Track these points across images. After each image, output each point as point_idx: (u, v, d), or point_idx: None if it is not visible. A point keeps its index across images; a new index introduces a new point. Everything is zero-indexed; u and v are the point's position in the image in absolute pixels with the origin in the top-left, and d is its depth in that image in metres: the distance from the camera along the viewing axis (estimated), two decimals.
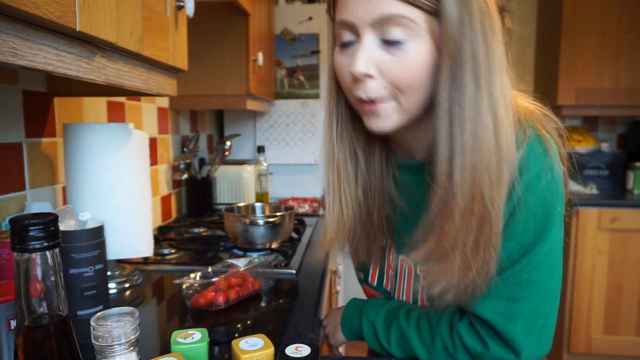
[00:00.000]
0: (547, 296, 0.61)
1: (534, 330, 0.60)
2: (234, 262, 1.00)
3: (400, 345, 0.71)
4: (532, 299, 0.60)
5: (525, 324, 0.60)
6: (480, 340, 0.63)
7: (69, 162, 0.98)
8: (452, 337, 0.65)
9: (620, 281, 2.39)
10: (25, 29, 0.47)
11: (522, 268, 0.59)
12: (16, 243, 0.38)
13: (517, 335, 0.60)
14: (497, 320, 0.60)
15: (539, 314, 0.60)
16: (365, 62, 0.56)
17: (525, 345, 0.60)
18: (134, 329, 0.49)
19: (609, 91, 2.53)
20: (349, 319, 0.80)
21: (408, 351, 0.70)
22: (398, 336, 0.71)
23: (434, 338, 0.66)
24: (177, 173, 1.81)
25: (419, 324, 0.69)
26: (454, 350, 0.65)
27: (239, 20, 1.68)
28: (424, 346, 0.67)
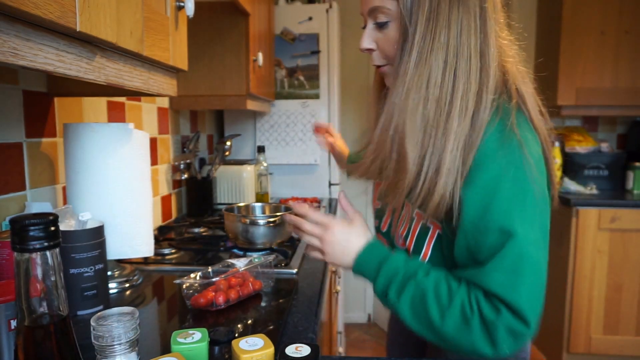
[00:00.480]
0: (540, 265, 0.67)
1: (535, 301, 0.66)
2: (234, 262, 1.00)
3: (412, 304, 0.71)
4: (530, 270, 0.65)
5: (528, 294, 0.65)
6: (494, 308, 0.66)
7: (69, 162, 0.98)
8: (470, 300, 0.68)
9: (620, 281, 2.39)
10: (26, 29, 0.47)
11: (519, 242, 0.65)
12: (16, 243, 0.38)
13: (523, 304, 0.64)
14: (503, 290, 0.65)
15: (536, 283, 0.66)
16: (367, 40, 0.80)
17: (530, 313, 0.65)
18: (134, 328, 0.50)
19: (608, 91, 2.53)
20: (366, 260, 0.79)
21: (419, 310, 0.71)
22: (413, 294, 0.71)
23: (452, 300, 0.69)
24: (177, 173, 1.81)
25: (438, 286, 0.71)
26: (471, 314, 0.67)
27: (239, 20, 1.68)
28: (439, 308, 0.69)
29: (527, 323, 0.65)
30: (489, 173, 0.67)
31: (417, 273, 0.73)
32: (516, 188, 0.66)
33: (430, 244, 0.76)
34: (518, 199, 0.66)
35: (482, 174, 0.68)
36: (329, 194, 2.43)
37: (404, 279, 0.73)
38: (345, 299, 3.08)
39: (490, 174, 0.67)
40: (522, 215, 0.66)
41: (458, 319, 0.68)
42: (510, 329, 0.65)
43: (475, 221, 0.68)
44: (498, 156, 0.67)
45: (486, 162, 0.68)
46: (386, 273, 0.75)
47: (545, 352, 2.65)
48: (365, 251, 0.80)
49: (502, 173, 0.67)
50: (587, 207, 2.35)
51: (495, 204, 0.66)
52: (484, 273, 0.67)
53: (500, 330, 0.65)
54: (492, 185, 0.67)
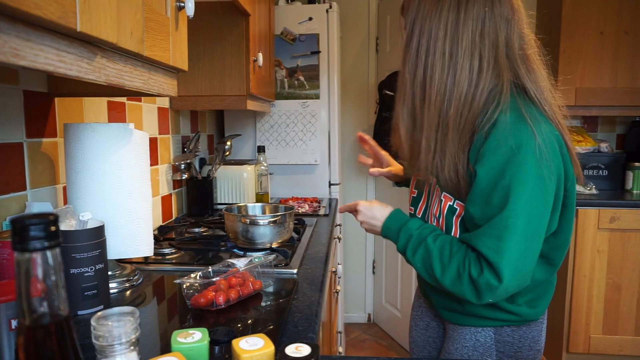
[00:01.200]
0: (525, 238, 0.80)
1: (513, 263, 0.80)
2: (234, 262, 1.00)
3: (422, 261, 0.89)
4: (513, 239, 0.79)
5: (508, 258, 0.79)
6: (479, 268, 0.82)
7: (69, 162, 0.98)
8: (464, 263, 0.84)
9: (619, 281, 2.39)
10: (27, 30, 0.47)
11: (508, 214, 0.79)
12: (17, 243, 0.38)
13: (502, 266, 0.79)
14: (488, 253, 0.80)
15: (516, 251, 0.80)
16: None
17: (507, 273, 0.79)
18: (135, 328, 0.50)
19: (608, 91, 2.53)
20: (389, 228, 0.97)
21: (427, 266, 0.88)
22: (423, 253, 0.89)
23: (451, 260, 0.86)
24: (178, 173, 1.81)
25: (442, 248, 0.88)
26: (462, 272, 0.84)
27: (239, 21, 1.68)
28: (441, 265, 0.87)
29: (501, 279, 0.80)
30: (500, 157, 0.80)
31: (427, 237, 0.90)
32: (520, 170, 0.78)
33: (457, 222, 0.90)
34: (520, 180, 0.78)
35: (494, 156, 0.80)
36: (329, 194, 2.43)
37: (417, 242, 0.91)
38: (345, 299, 3.08)
39: (502, 158, 0.79)
40: (519, 194, 0.78)
41: (454, 275, 0.85)
42: (488, 284, 0.81)
43: (484, 195, 0.82)
44: (510, 140, 0.79)
45: (499, 147, 0.80)
46: (404, 236, 0.93)
47: (545, 351, 2.65)
48: (388, 219, 0.98)
49: (510, 157, 0.79)
50: (587, 207, 2.35)
51: (501, 183, 0.80)
52: (476, 236, 0.83)
53: (481, 285, 0.82)
54: (502, 166, 0.79)
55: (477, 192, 0.83)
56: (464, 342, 0.95)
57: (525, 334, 0.93)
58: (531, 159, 0.78)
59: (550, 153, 0.80)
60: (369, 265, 3.13)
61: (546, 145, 0.79)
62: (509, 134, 0.80)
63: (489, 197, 0.81)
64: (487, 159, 0.81)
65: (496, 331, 0.93)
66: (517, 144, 0.79)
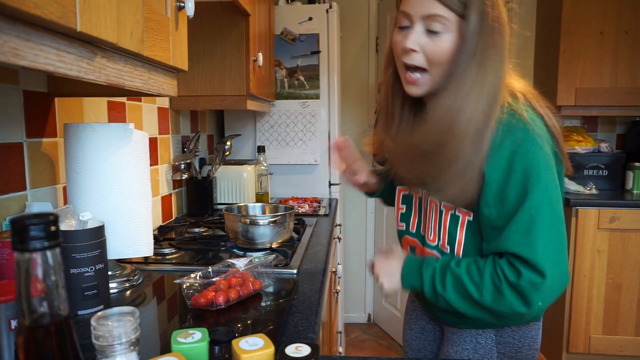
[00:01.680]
0: (553, 226, 0.78)
1: (550, 255, 0.77)
2: (234, 262, 1.00)
3: (455, 289, 0.84)
4: (543, 229, 0.77)
5: (543, 249, 0.76)
6: (515, 271, 0.78)
7: (69, 162, 0.98)
8: (496, 272, 0.80)
9: (620, 281, 2.39)
10: (26, 30, 0.47)
11: (530, 205, 0.77)
12: (17, 243, 0.38)
13: (539, 259, 0.76)
14: (520, 249, 0.77)
15: (552, 241, 0.77)
16: (413, 42, 0.83)
17: (548, 267, 0.76)
18: (135, 328, 0.50)
19: (608, 91, 2.53)
20: (409, 274, 0.91)
21: (462, 292, 0.83)
22: (452, 281, 0.84)
23: (483, 277, 0.81)
24: (178, 173, 1.81)
25: (469, 268, 0.83)
26: (499, 283, 0.79)
27: (239, 21, 1.68)
28: (474, 285, 0.82)
29: (543, 274, 0.76)
30: (505, 151, 0.78)
31: (449, 264, 0.85)
32: (529, 159, 0.78)
33: (462, 230, 0.87)
34: (532, 169, 0.77)
35: (498, 152, 0.79)
36: (329, 194, 2.43)
37: (442, 272, 0.85)
38: (345, 299, 3.08)
39: (506, 152, 0.78)
40: (535, 183, 0.77)
41: (492, 289, 0.80)
42: (533, 284, 0.76)
43: (497, 193, 0.79)
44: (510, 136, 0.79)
45: (502, 143, 0.79)
46: (427, 272, 0.87)
47: (545, 351, 2.65)
48: (405, 268, 0.92)
49: (515, 149, 0.78)
50: (587, 207, 2.35)
51: (513, 177, 0.78)
52: (503, 239, 0.79)
53: (525, 288, 0.77)
54: (508, 161, 0.78)
55: (489, 192, 0.80)
56: (464, 345, 0.94)
57: (525, 334, 0.92)
58: (536, 146, 0.78)
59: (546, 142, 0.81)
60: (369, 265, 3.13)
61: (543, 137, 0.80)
62: (507, 129, 0.79)
63: (503, 194, 0.79)
64: (492, 157, 0.80)
65: (497, 332, 0.92)
66: (518, 136, 0.78)
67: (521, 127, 0.79)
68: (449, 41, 0.81)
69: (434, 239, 0.92)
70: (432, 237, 0.93)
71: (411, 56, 0.84)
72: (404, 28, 0.85)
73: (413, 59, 0.84)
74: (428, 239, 0.94)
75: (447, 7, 0.79)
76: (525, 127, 0.79)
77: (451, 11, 0.79)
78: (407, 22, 0.84)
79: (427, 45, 0.82)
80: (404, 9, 0.84)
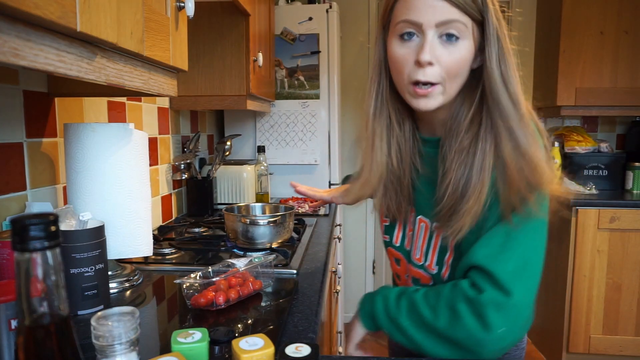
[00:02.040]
0: (533, 250, 0.71)
1: (523, 275, 0.69)
2: (234, 262, 1.00)
3: (409, 313, 0.76)
4: (519, 249, 0.69)
5: (515, 268, 0.68)
6: (476, 287, 0.70)
7: (69, 162, 0.98)
8: (454, 292, 0.73)
9: (619, 281, 2.39)
10: (26, 30, 0.47)
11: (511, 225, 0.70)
12: (17, 243, 0.38)
13: (507, 276, 0.68)
14: (488, 262, 0.69)
15: (527, 263, 0.69)
16: (430, 53, 0.72)
17: (516, 287, 0.68)
18: (135, 328, 0.50)
19: (608, 91, 2.53)
20: (364, 302, 0.86)
21: (416, 317, 0.75)
22: (407, 305, 0.77)
23: (439, 299, 0.74)
24: (178, 173, 1.81)
25: (427, 293, 0.77)
26: (455, 303, 0.71)
27: (239, 21, 1.68)
28: (429, 308, 0.74)
29: (509, 292, 0.67)
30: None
31: (408, 289, 0.79)
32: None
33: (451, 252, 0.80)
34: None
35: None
36: None
37: (397, 296, 0.79)
38: (345, 299, 3.08)
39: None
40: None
41: (447, 311, 0.72)
42: (495, 303, 0.68)
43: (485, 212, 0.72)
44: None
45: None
46: (380, 298, 0.81)
47: (545, 352, 2.65)
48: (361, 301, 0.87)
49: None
50: (587, 207, 2.35)
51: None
52: (471, 252, 0.72)
53: (486, 306, 0.68)
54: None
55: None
56: None
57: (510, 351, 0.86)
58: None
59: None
60: (369, 265, 3.13)
61: None
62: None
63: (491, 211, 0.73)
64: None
65: None
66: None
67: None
68: (467, 49, 0.73)
69: (420, 257, 0.86)
70: (418, 256, 0.86)
71: (425, 71, 0.73)
72: (408, 39, 0.74)
73: (428, 74, 0.73)
74: (414, 257, 0.87)
75: (464, 12, 0.70)
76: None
77: (468, 16, 0.71)
78: (414, 30, 0.73)
79: (442, 56, 0.72)
80: (409, 18, 0.72)
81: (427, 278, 0.85)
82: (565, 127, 2.86)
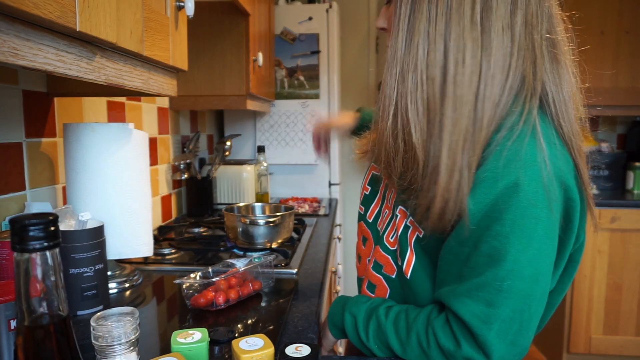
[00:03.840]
0: (527, 304, 0.60)
1: (508, 336, 0.60)
2: (234, 262, 1.00)
3: (378, 340, 0.71)
4: (510, 305, 0.59)
5: (500, 329, 0.60)
6: (453, 339, 0.63)
7: (69, 162, 0.98)
8: (427, 334, 0.65)
9: (620, 281, 2.39)
10: (26, 29, 0.47)
11: (505, 275, 0.59)
12: (16, 243, 0.38)
13: (490, 339, 0.60)
14: (473, 322, 0.60)
15: (514, 321, 0.60)
16: (381, 19, 0.78)
17: (497, 349, 0.60)
18: (134, 328, 0.50)
19: (608, 91, 2.53)
20: (334, 313, 0.80)
21: (385, 346, 0.70)
22: (376, 330, 0.71)
23: (409, 334, 0.67)
24: (177, 173, 1.81)
25: (397, 319, 0.69)
26: (427, 347, 0.65)
27: (239, 20, 1.68)
28: (399, 342, 0.68)
29: (489, 355, 0.60)
30: (498, 188, 0.59)
31: (378, 309, 0.72)
32: (524, 213, 0.58)
33: (411, 245, 0.71)
34: (523, 226, 0.58)
35: (492, 188, 0.59)
36: (329, 194, 2.43)
37: (367, 317, 0.73)
38: None
39: (500, 190, 0.58)
40: (524, 249, 0.58)
41: (417, 351, 0.66)
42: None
43: (473, 236, 0.61)
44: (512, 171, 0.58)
45: (498, 175, 0.59)
46: (350, 314, 0.75)
47: (545, 352, 2.65)
48: (332, 305, 0.82)
49: (512, 192, 0.58)
50: None
51: (497, 225, 0.59)
52: (457, 296, 0.62)
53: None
54: (499, 203, 0.58)
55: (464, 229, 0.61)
56: None
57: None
58: (542, 201, 0.58)
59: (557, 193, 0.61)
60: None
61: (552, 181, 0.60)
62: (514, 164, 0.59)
63: (478, 241, 0.60)
64: (481, 189, 0.60)
65: None
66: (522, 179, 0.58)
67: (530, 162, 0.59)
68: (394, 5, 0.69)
69: (394, 242, 0.75)
70: (392, 240, 0.75)
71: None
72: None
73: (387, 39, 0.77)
74: (387, 240, 0.77)
75: None
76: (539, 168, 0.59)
77: None
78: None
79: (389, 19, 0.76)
80: None
81: (392, 269, 0.76)
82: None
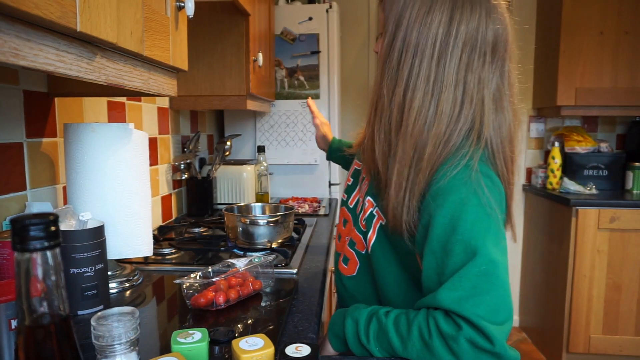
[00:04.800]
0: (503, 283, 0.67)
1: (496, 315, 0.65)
2: (234, 262, 1.00)
3: (379, 340, 0.72)
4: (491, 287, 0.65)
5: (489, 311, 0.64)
6: (454, 324, 0.65)
7: (69, 162, 0.98)
8: (428, 323, 0.68)
9: (619, 281, 2.39)
10: (26, 30, 0.47)
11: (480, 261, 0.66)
12: (17, 243, 0.38)
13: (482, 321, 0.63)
14: (460, 307, 0.64)
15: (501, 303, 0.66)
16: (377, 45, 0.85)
17: (495, 333, 0.63)
18: (134, 328, 0.50)
19: (608, 91, 2.53)
20: (335, 323, 0.81)
21: (385, 346, 0.71)
22: (377, 330, 0.73)
23: (410, 328, 0.69)
24: (178, 173, 1.81)
25: (397, 318, 0.72)
26: (429, 338, 0.67)
27: (239, 20, 1.68)
28: (400, 338, 0.70)
29: (490, 340, 0.63)
30: (455, 197, 0.70)
31: (378, 311, 0.75)
32: (480, 212, 0.69)
33: (375, 227, 0.84)
34: (482, 222, 0.68)
35: (450, 198, 0.70)
36: (329, 194, 2.43)
37: (367, 320, 0.75)
38: None
39: (457, 199, 0.69)
40: (485, 237, 0.67)
41: (418, 345, 0.68)
42: (472, 342, 0.63)
43: (443, 242, 0.69)
44: (464, 185, 0.70)
45: (453, 189, 0.70)
46: (350, 315, 0.78)
47: (545, 352, 2.65)
48: (333, 316, 0.84)
49: (468, 198, 0.69)
50: (587, 207, 2.35)
51: (461, 225, 0.68)
52: (441, 292, 0.66)
53: (461, 342, 0.64)
54: (458, 208, 0.69)
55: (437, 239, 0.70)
56: None
57: None
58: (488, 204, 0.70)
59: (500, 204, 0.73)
60: None
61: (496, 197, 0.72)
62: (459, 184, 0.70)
63: (448, 244, 0.68)
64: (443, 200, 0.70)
65: None
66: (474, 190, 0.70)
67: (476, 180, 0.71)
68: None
69: (365, 225, 0.87)
70: (364, 223, 0.87)
71: None
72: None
73: None
74: (361, 222, 0.88)
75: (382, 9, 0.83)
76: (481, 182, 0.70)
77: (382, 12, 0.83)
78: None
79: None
80: None
81: (363, 246, 0.88)
82: (566, 127, 2.87)
